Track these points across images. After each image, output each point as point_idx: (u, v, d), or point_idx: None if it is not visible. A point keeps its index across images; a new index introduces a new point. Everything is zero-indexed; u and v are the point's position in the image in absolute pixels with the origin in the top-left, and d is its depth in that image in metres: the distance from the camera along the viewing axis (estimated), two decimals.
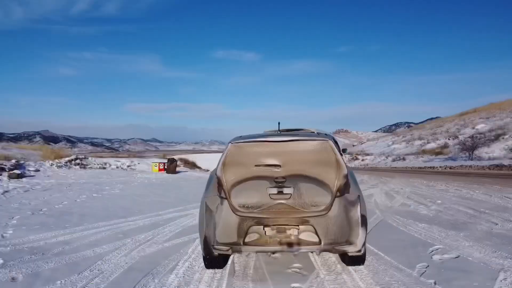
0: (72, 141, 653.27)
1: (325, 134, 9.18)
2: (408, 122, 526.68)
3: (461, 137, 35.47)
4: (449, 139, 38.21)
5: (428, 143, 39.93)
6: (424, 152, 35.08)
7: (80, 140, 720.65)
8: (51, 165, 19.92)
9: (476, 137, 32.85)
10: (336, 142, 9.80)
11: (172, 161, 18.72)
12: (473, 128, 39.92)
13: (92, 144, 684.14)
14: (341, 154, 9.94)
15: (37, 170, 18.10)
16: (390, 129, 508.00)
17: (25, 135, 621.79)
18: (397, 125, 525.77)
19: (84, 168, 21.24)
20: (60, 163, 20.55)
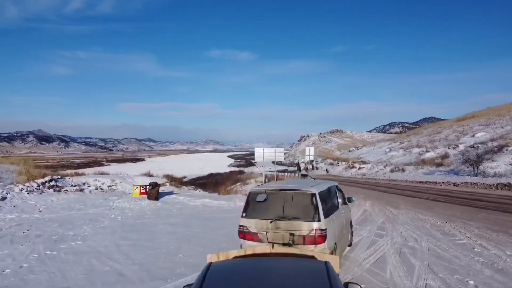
0: (65, 140, 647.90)
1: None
2: (402, 122, 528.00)
3: (461, 146, 33.97)
4: (449, 147, 36.86)
5: (427, 151, 38.62)
6: (423, 162, 33.51)
7: (74, 139, 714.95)
8: (21, 190, 18.05)
9: (478, 147, 31.39)
10: (341, 190, 8.03)
11: (153, 186, 16.93)
12: (473, 136, 38.62)
13: (86, 144, 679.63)
14: (346, 203, 8.14)
15: (4, 198, 16.29)
16: (384, 129, 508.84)
17: (18, 134, 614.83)
18: (392, 125, 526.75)
19: (59, 191, 19.37)
20: (31, 187, 18.67)
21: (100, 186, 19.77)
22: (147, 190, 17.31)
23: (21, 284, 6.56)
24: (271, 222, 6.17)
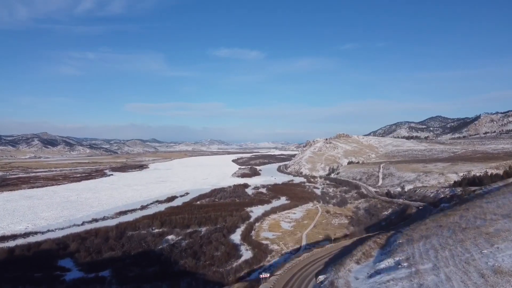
0: (70, 143, 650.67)
1: None
2: (409, 122, 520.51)
3: None
4: None
5: None
6: None
7: (79, 141, 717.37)
8: None
9: None
10: None
11: None
12: None
13: (91, 146, 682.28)
14: None
15: None
16: (391, 129, 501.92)
17: (23, 138, 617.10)
18: (398, 125, 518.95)
19: None
20: None
21: None
22: None
23: None
24: None
